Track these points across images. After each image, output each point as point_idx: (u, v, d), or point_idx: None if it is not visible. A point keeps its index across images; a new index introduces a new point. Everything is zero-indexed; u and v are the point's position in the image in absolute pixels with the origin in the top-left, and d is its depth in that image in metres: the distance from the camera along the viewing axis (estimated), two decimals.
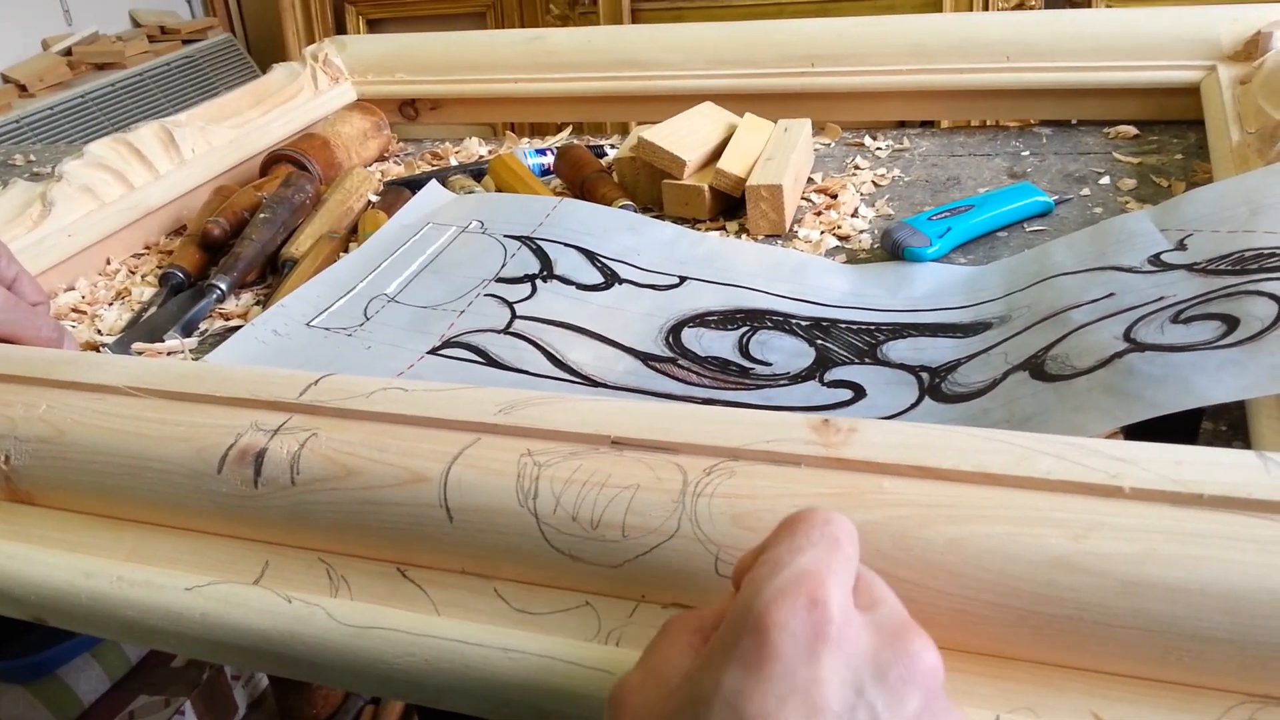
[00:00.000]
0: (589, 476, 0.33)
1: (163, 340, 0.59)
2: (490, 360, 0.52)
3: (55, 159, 0.91)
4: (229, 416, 0.38)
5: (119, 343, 0.59)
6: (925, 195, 0.69)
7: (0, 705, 0.87)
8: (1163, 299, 0.43)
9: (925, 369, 0.48)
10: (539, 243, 0.62)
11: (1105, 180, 0.68)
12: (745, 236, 0.66)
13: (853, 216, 0.67)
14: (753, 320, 0.54)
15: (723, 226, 0.68)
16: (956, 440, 0.31)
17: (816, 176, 0.74)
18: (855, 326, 0.53)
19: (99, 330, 0.63)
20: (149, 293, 0.67)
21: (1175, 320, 0.41)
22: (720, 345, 0.52)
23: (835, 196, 0.70)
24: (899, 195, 0.70)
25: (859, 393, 0.47)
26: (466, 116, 0.96)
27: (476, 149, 0.90)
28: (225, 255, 0.66)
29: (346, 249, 0.68)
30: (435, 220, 0.67)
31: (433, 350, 0.53)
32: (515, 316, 0.55)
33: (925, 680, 0.23)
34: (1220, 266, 0.44)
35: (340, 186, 0.75)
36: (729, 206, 0.69)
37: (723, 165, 0.67)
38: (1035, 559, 0.28)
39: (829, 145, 0.81)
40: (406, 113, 0.96)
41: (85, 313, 0.65)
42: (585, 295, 0.57)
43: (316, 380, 0.39)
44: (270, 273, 0.69)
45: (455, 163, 0.87)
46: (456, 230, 0.65)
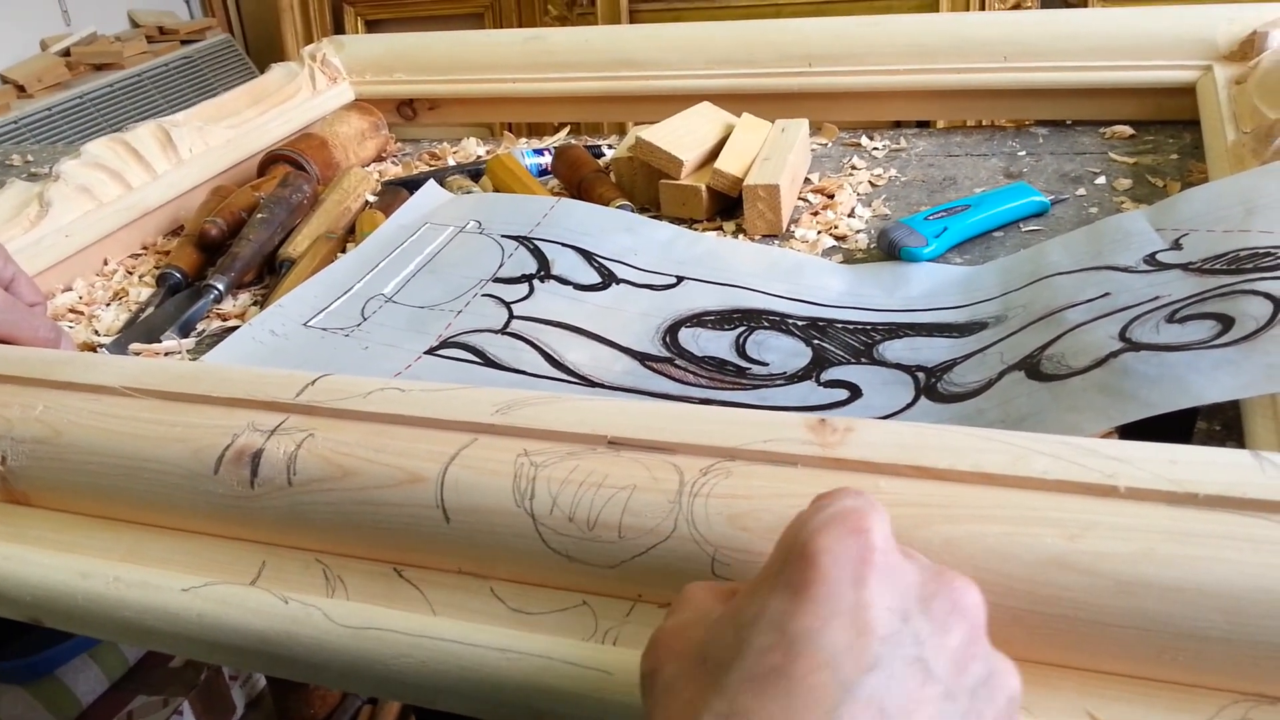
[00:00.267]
0: (586, 477, 0.33)
1: (160, 341, 0.59)
2: (487, 360, 0.52)
3: (53, 159, 0.91)
4: (226, 417, 0.38)
5: (116, 343, 0.59)
6: (922, 195, 0.69)
7: None
8: (1158, 298, 0.43)
9: (921, 369, 0.48)
10: (536, 243, 0.62)
11: (1101, 180, 0.68)
12: (742, 236, 0.66)
13: (849, 216, 0.67)
14: (749, 320, 0.54)
15: (720, 226, 0.68)
16: (952, 440, 0.31)
17: (813, 176, 0.74)
18: (852, 326, 0.53)
19: (96, 331, 0.62)
20: (146, 293, 0.67)
21: (1170, 320, 0.41)
22: (717, 345, 0.52)
23: (832, 196, 0.70)
24: (895, 195, 0.70)
25: (855, 393, 0.47)
26: (464, 117, 0.96)
27: (474, 149, 0.90)
28: (223, 255, 0.66)
29: (344, 249, 0.68)
30: (433, 220, 0.67)
31: (430, 350, 0.53)
32: (512, 316, 0.55)
33: (970, 615, 0.24)
34: (1215, 266, 0.44)
35: (338, 187, 0.75)
36: (726, 206, 0.69)
37: (720, 165, 0.67)
38: (1031, 558, 0.28)
39: (826, 145, 0.81)
40: (404, 113, 0.96)
41: (82, 313, 0.65)
42: (582, 295, 0.57)
43: (314, 380, 0.39)
44: (268, 273, 0.69)
45: (453, 163, 0.87)
46: (454, 230, 0.65)
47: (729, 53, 0.84)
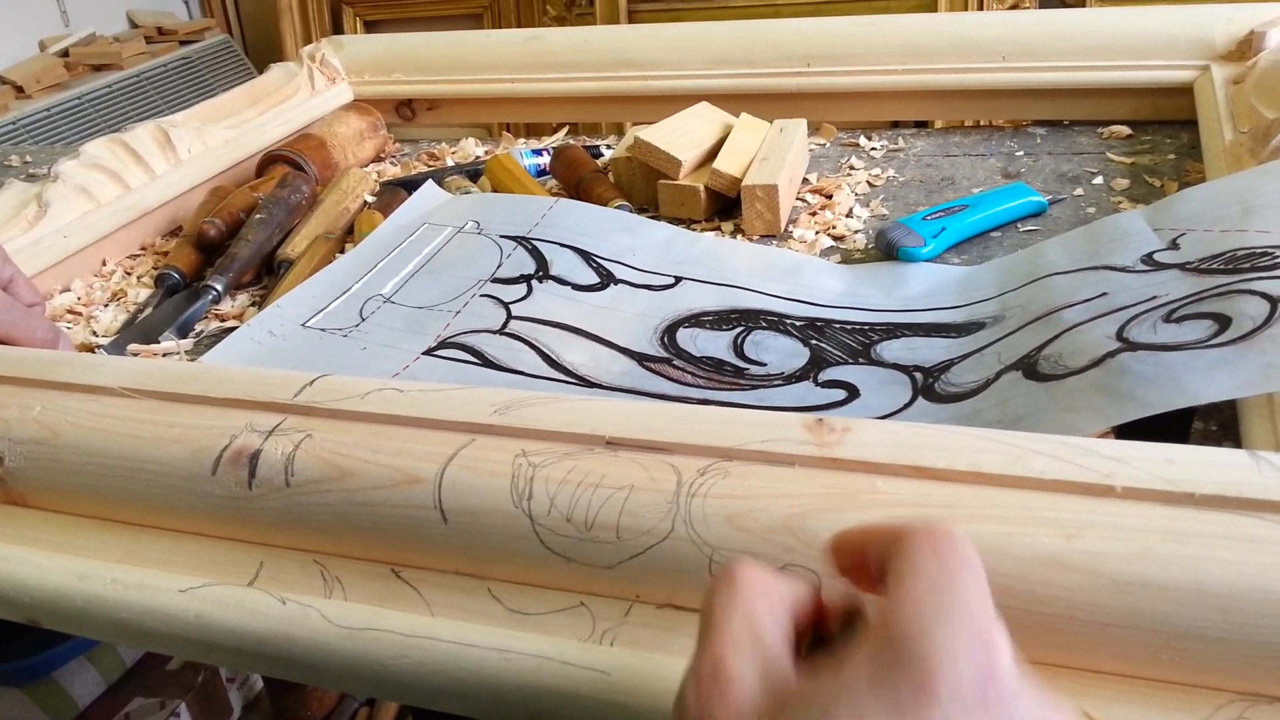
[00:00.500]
0: (583, 477, 0.33)
1: (158, 341, 0.59)
2: (486, 361, 0.52)
3: (51, 160, 0.91)
4: (224, 418, 0.38)
5: (114, 344, 0.59)
6: (920, 195, 0.69)
7: None
8: (1155, 298, 0.43)
9: (919, 369, 0.48)
10: (535, 243, 0.62)
11: (1099, 180, 0.68)
12: (740, 237, 0.66)
13: (847, 216, 0.67)
14: (747, 320, 0.54)
15: (718, 227, 0.68)
16: (950, 440, 0.31)
17: (812, 177, 0.74)
18: (849, 326, 0.53)
19: (94, 332, 0.62)
20: (145, 294, 0.67)
21: (1167, 319, 0.41)
22: (715, 345, 0.52)
23: (830, 196, 0.70)
24: (893, 195, 0.70)
25: (853, 393, 0.47)
26: (463, 117, 0.96)
27: (473, 149, 0.90)
28: (221, 256, 0.66)
29: (342, 250, 0.68)
30: (431, 221, 0.67)
31: (428, 351, 0.53)
32: (511, 317, 0.55)
33: None
34: (1212, 266, 0.44)
35: (336, 187, 0.75)
36: (724, 206, 0.69)
37: (718, 165, 0.67)
38: (1028, 558, 0.28)
39: (824, 145, 0.81)
40: (403, 113, 0.96)
41: (81, 314, 0.65)
42: (581, 295, 0.57)
43: (312, 381, 0.39)
44: (266, 273, 0.69)
45: (451, 163, 0.87)
46: (452, 231, 0.65)
47: (727, 53, 0.84)
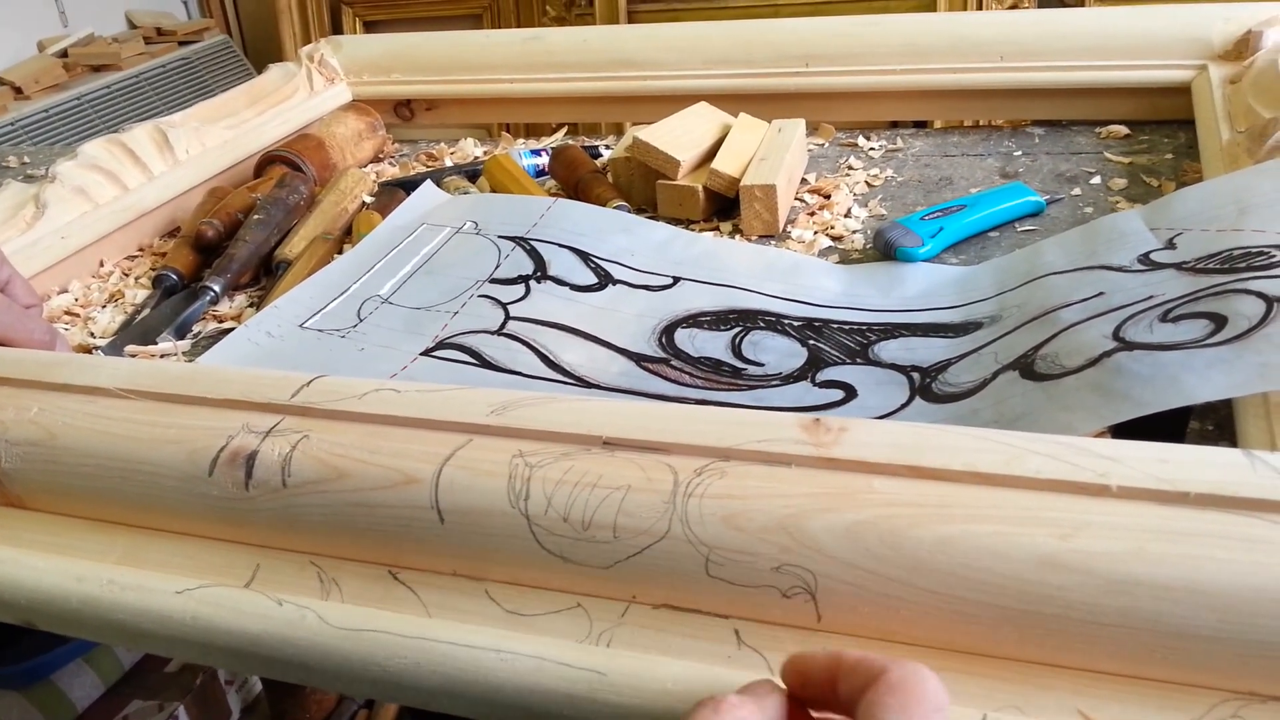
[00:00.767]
0: (580, 477, 0.33)
1: (156, 342, 0.59)
2: (484, 362, 0.52)
3: (49, 160, 0.91)
4: (221, 419, 0.38)
5: (112, 345, 0.59)
6: (918, 195, 0.70)
7: None
8: (1152, 298, 0.43)
9: (916, 369, 0.48)
10: (533, 243, 0.62)
11: (1096, 180, 0.68)
12: (739, 237, 0.66)
13: (846, 217, 0.67)
14: (745, 321, 0.54)
15: (716, 227, 0.68)
16: (947, 440, 0.31)
17: (810, 177, 0.74)
18: (847, 327, 0.53)
19: (92, 333, 0.62)
20: (142, 295, 0.67)
21: (1164, 319, 0.41)
22: (713, 346, 0.52)
23: (829, 197, 0.70)
24: (892, 195, 0.70)
25: (850, 393, 0.47)
26: (462, 117, 0.96)
27: (471, 150, 0.90)
28: (219, 257, 0.66)
29: (341, 250, 0.68)
30: (430, 221, 0.67)
31: (426, 351, 0.53)
32: (509, 317, 0.55)
33: None
34: (1209, 265, 0.44)
35: (335, 187, 0.75)
36: (723, 207, 0.69)
37: (717, 165, 0.67)
38: (1023, 558, 0.28)
39: (823, 145, 0.81)
40: (402, 113, 0.96)
41: (78, 315, 0.65)
42: (579, 296, 0.57)
43: (309, 382, 0.39)
44: (264, 274, 0.69)
45: (450, 163, 0.87)
46: (451, 231, 0.65)
47: (726, 53, 0.84)
